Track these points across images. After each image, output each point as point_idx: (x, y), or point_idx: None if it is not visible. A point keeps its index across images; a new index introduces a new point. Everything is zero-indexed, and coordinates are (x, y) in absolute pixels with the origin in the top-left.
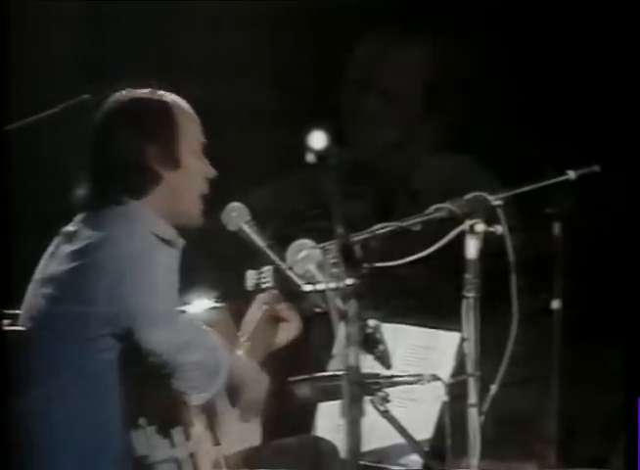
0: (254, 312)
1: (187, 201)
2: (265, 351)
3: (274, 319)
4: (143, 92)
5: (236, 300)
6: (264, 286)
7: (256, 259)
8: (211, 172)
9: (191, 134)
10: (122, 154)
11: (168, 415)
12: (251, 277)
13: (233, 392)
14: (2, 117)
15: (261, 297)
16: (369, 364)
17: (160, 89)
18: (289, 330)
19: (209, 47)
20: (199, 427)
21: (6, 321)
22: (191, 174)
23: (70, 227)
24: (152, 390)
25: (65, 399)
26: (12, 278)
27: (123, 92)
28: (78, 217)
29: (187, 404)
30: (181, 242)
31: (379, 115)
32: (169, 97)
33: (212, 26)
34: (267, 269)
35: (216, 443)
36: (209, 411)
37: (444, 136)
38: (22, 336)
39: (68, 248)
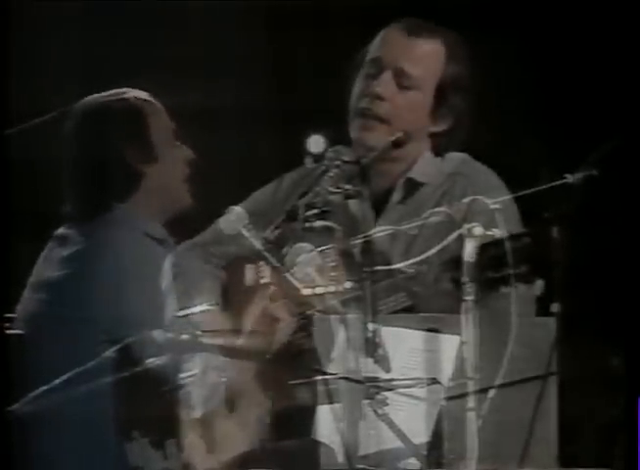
0: (254, 309)
1: (173, 189)
2: (263, 349)
3: (272, 317)
4: (106, 95)
5: (234, 297)
6: (262, 282)
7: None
8: (190, 155)
9: (160, 124)
10: (100, 160)
11: (162, 428)
12: (249, 273)
13: (229, 398)
14: (2, 121)
15: (261, 293)
16: (368, 368)
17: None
18: (286, 328)
19: (209, 47)
20: (193, 436)
21: (6, 325)
22: (170, 163)
23: (62, 231)
24: (146, 402)
25: (60, 407)
26: (12, 282)
27: (87, 99)
28: (70, 221)
29: (181, 416)
30: (172, 241)
31: (390, 101)
32: (132, 93)
33: (212, 27)
34: (264, 265)
35: (211, 450)
36: (205, 418)
37: (446, 136)
38: (21, 340)
39: (61, 252)
